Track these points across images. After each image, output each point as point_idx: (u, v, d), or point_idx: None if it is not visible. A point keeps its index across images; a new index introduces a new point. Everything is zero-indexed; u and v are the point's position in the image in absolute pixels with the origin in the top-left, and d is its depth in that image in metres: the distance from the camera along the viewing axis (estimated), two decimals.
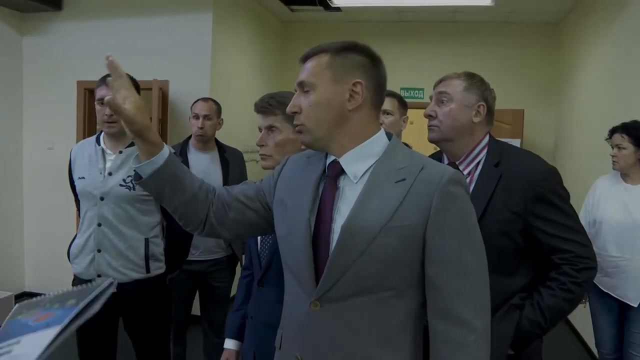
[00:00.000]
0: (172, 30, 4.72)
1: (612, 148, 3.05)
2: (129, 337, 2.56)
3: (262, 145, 1.83)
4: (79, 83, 4.91)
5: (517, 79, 5.98)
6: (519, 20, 5.96)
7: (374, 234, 1.20)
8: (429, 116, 1.85)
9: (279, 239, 1.42)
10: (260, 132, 1.86)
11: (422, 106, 2.82)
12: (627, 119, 3.13)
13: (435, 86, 1.88)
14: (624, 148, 2.97)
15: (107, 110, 2.34)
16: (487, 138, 1.85)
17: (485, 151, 1.82)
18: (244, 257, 2.15)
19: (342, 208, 1.28)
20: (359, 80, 1.27)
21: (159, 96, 4.48)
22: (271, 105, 1.80)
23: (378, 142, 1.32)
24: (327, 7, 5.72)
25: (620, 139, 2.99)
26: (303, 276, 1.30)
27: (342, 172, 1.31)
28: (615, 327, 3.07)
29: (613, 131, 3.07)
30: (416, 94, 6.29)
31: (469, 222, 1.25)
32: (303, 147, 1.88)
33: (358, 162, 1.30)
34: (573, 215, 1.76)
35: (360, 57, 1.30)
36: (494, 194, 1.71)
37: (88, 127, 4.95)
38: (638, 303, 2.87)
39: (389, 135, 1.36)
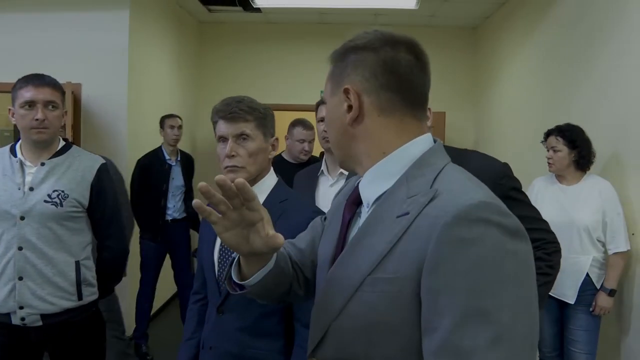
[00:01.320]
0: (86, 28, 4.32)
1: (547, 150, 3.12)
2: None
3: (233, 156, 1.63)
4: None
5: (438, 81, 5.95)
6: (439, 24, 6.07)
7: (353, 288, 0.91)
8: None
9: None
10: (221, 141, 1.67)
11: None
12: (551, 122, 3.22)
13: None
14: (559, 150, 3.04)
15: (39, 114, 2.03)
16: None
17: None
18: (194, 280, 1.95)
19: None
20: (346, 86, 0.99)
21: (71, 101, 4.09)
22: (242, 110, 1.63)
23: (401, 157, 0.98)
24: (247, 7, 5.54)
25: (555, 141, 3.06)
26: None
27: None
28: (556, 326, 3.13)
29: (548, 134, 3.15)
30: None
31: (490, 285, 0.79)
32: (270, 156, 1.74)
33: (373, 185, 1.00)
34: (531, 205, 1.90)
35: (358, 54, 0.99)
36: None
37: None
38: (575, 300, 2.93)
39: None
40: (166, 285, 5.49)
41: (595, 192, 2.96)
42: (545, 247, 1.83)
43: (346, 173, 2.36)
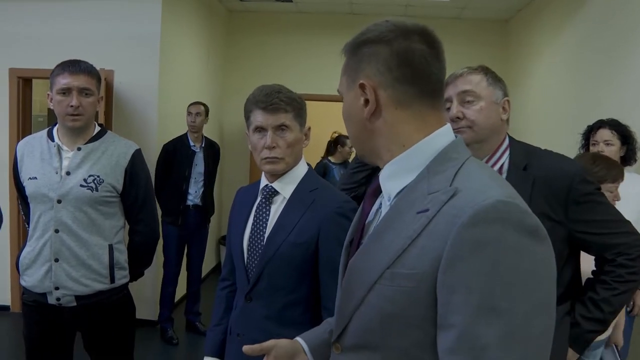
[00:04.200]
0: (119, 16, 4.39)
1: (592, 144, 3.04)
2: (89, 355, 2.31)
3: (273, 147, 1.63)
4: (12, 71, 4.49)
5: None
6: (470, 16, 6.00)
7: (372, 280, 0.92)
8: (456, 118, 1.65)
9: None
10: (257, 131, 1.66)
11: None
12: (583, 117, 3.14)
13: (447, 84, 1.69)
14: (613, 144, 2.96)
15: (74, 101, 2.08)
16: (507, 138, 1.73)
17: (507, 152, 1.70)
18: (222, 267, 1.98)
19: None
20: (361, 81, 0.98)
21: (103, 87, 4.16)
22: (282, 101, 1.62)
23: (423, 150, 0.97)
24: None
25: (609, 134, 2.97)
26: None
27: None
28: None
29: (599, 126, 3.05)
30: None
31: (504, 285, 0.79)
32: (303, 146, 1.75)
33: (395, 178, 0.99)
34: (611, 206, 1.73)
35: (371, 48, 0.98)
36: (530, 202, 1.57)
37: (22, 120, 4.55)
38: None
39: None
40: None
41: (636, 190, 2.89)
42: (627, 252, 1.66)
43: None
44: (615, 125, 2.98)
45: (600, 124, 3.05)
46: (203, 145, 4.50)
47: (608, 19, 3.73)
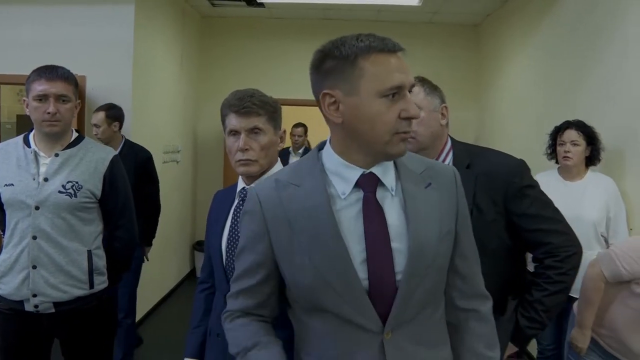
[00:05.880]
0: (90, 22, 4.33)
1: (559, 144, 3.15)
2: None
3: (246, 150, 1.66)
4: None
5: (439, 79, 5.96)
6: (442, 21, 6.09)
7: (436, 246, 1.20)
8: None
9: (299, 285, 1.23)
10: (232, 135, 1.70)
11: None
12: (553, 119, 3.24)
13: None
14: (579, 145, 3.07)
15: (51, 108, 2.07)
16: (449, 140, 1.85)
17: (451, 154, 1.82)
18: (201, 270, 1.99)
19: (393, 225, 1.19)
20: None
21: None
22: (255, 104, 1.66)
23: None
24: (251, 2, 5.56)
25: (576, 135, 3.08)
26: (361, 316, 1.17)
27: (379, 184, 1.23)
28: (556, 321, 3.15)
29: (566, 127, 3.16)
30: None
31: None
32: (278, 148, 1.78)
33: (387, 172, 1.23)
34: (549, 203, 1.80)
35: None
36: (475, 197, 1.71)
37: None
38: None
39: None
40: (169, 276, 5.55)
41: (601, 189, 3.00)
42: (555, 253, 1.72)
43: None
44: (581, 127, 3.10)
45: (567, 125, 3.16)
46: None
47: (576, 23, 3.83)
